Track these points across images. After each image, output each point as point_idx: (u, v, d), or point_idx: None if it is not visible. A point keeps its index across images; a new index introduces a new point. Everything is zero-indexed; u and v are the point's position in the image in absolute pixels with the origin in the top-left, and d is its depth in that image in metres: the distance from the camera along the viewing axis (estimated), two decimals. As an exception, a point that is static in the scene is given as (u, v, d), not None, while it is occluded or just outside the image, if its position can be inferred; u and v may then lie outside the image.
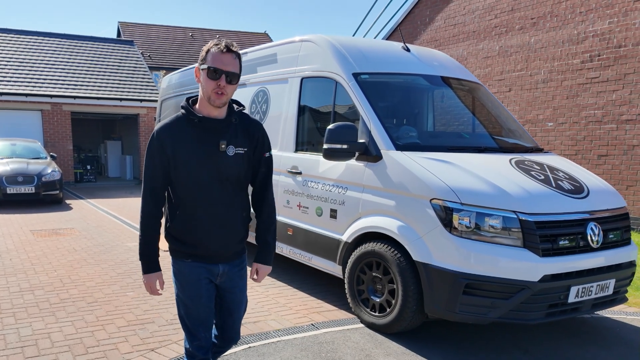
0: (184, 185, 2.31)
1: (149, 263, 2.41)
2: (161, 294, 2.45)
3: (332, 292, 5.36)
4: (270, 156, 2.54)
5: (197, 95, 2.37)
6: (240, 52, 2.35)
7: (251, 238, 2.70)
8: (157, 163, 2.30)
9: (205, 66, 2.21)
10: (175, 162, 2.27)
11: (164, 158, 2.28)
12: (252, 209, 2.58)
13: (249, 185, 2.56)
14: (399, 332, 4.15)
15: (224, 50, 2.20)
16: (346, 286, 4.59)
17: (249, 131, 2.40)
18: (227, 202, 2.35)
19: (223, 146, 2.29)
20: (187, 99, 2.37)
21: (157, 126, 2.32)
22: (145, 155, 2.36)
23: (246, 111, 2.51)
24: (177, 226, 2.36)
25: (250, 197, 2.58)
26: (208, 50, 2.23)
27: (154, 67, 25.27)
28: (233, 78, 2.22)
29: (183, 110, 2.32)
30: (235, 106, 2.39)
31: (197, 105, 2.33)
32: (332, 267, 4.87)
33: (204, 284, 2.42)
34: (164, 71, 24.29)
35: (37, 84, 17.32)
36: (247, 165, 2.41)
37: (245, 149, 2.37)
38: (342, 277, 4.72)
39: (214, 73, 2.19)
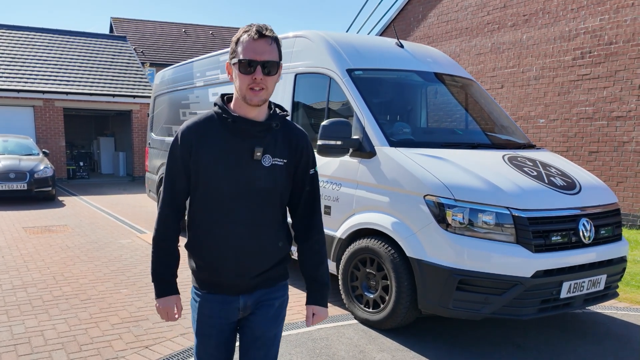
0: (202, 195, 1.92)
1: (162, 285, 2.00)
2: (177, 319, 2.03)
3: (326, 289, 5.36)
4: (316, 173, 2.07)
5: (232, 93, 1.99)
6: None
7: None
8: (180, 167, 1.93)
9: (236, 60, 1.82)
10: (197, 167, 1.89)
11: (187, 161, 1.91)
12: (294, 239, 2.14)
13: (289, 210, 2.12)
14: (393, 328, 4.17)
15: (256, 36, 1.80)
16: (340, 282, 4.60)
17: (291, 140, 1.97)
18: (254, 222, 1.92)
19: (258, 154, 1.88)
20: (222, 95, 1.99)
21: (183, 124, 1.96)
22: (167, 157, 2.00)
23: None
24: (191, 245, 2.00)
25: (291, 225, 2.12)
26: (238, 40, 1.84)
27: (146, 63, 25.14)
28: (272, 68, 1.82)
29: (216, 108, 1.93)
30: (278, 110, 1.98)
31: (232, 104, 1.94)
32: (326, 264, 4.87)
33: (216, 324, 1.99)
34: (148, 64, 24.21)
35: (29, 80, 17.18)
36: (286, 180, 1.97)
37: (285, 161, 1.94)
38: (336, 273, 4.73)
39: (247, 66, 1.79)
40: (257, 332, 2.00)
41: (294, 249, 2.18)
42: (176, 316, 2.02)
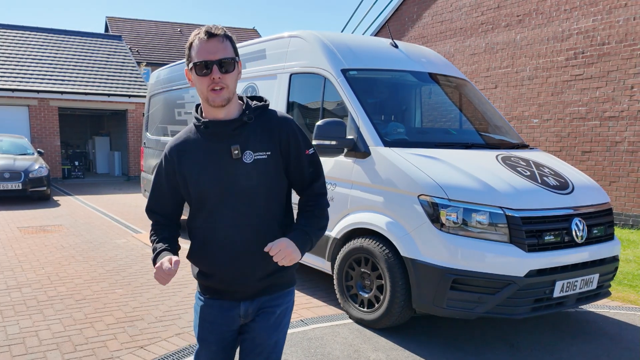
0: (195, 205, 1.94)
1: (160, 252, 1.91)
2: (173, 270, 1.77)
3: (321, 288, 5.39)
4: (315, 153, 2.02)
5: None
6: None
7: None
8: (165, 187, 1.98)
9: (191, 64, 1.83)
10: (184, 179, 1.92)
11: (172, 179, 1.95)
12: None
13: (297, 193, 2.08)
14: (387, 327, 4.19)
15: (206, 37, 1.80)
16: (335, 282, 4.62)
17: (272, 130, 1.92)
18: (246, 223, 1.89)
19: (236, 152, 1.85)
20: (197, 106, 1.99)
21: (168, 143, 2.00)
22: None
23: None
24: (191, 254, 2.01)
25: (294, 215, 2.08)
26: (190, 45, 1.85)
27: (142, 63, 25.09)
28: (228, 66, 1.81)
29: (193, 119, 1.96)
30: (253, 103, 1.96)
31: (202, 112, 1.96)
32: (321, 263, 4.89)
33: (217, 330, 2.00)
34: (144, 64, 24.15)
35: (23, 79, 17.11)
36: (275, 172, 1.92)
37: (269, 153, 1.89)
38: (331, 273, 4.74)
39: (203, 68, 1.80)
40: (257, 339, 1.99)
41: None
42: (172, 267, 1.75)
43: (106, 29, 28.74)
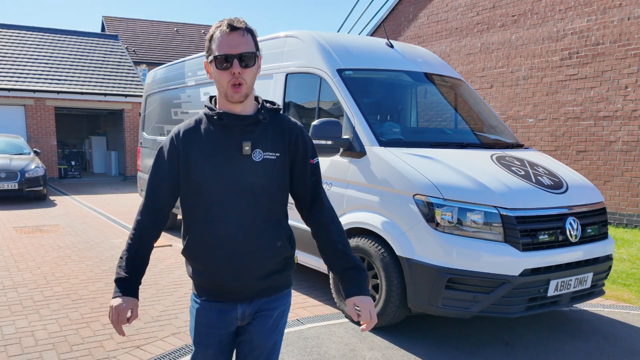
0: (194, 197, 1.87)
1: (125, 283, 1.88)
2: (126, 324, 1.88)
3: (317, 288, 5.41)
4: (318, 164, 2.02)
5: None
6: None
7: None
8: (166, 170, 1.89)
9: (212, 57, 1.80)
10: (187, 168, 1.85)
11: (175, 164, 1.88)
12: (314, 232, 2.04)
13: (296, 204, 2.07)
14: (383, 326, 4.21)
15: (228, 30, 1.76)
16: (331, 281, 4.64)
17: (283, 132, 1.91)
18: (248, 221, 1.85)
19: (247, 148, 1.83)
20: (210, 97, 1.97)
21: (173, 129, 1.94)
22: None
23: None
24: (187, 249, 1.94)
25: (306, 220, 2.07)
26: (211, 37, 1.81)
27: (138, 62, 25.04)
28: (249, 60, 1.78)
29: (204, 109, 1.91)
30: (268, 104, 1.95)
31: (217, 104, 1.92)
32: (316, 263, 4.91)
33: (214, 333, 1.96)
34: (144, 65, 24.08)
35: (20, 79, 17.07)
36: (281, 174, 1.91)
37: (278, 154, 1.88)
38: (326, 272, 4.76)
39: (224, 61, 1.76)
40: (255, 341, 1.96)
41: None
42: (127, 323, 1.85)
43: (102, 29, 28.65)
